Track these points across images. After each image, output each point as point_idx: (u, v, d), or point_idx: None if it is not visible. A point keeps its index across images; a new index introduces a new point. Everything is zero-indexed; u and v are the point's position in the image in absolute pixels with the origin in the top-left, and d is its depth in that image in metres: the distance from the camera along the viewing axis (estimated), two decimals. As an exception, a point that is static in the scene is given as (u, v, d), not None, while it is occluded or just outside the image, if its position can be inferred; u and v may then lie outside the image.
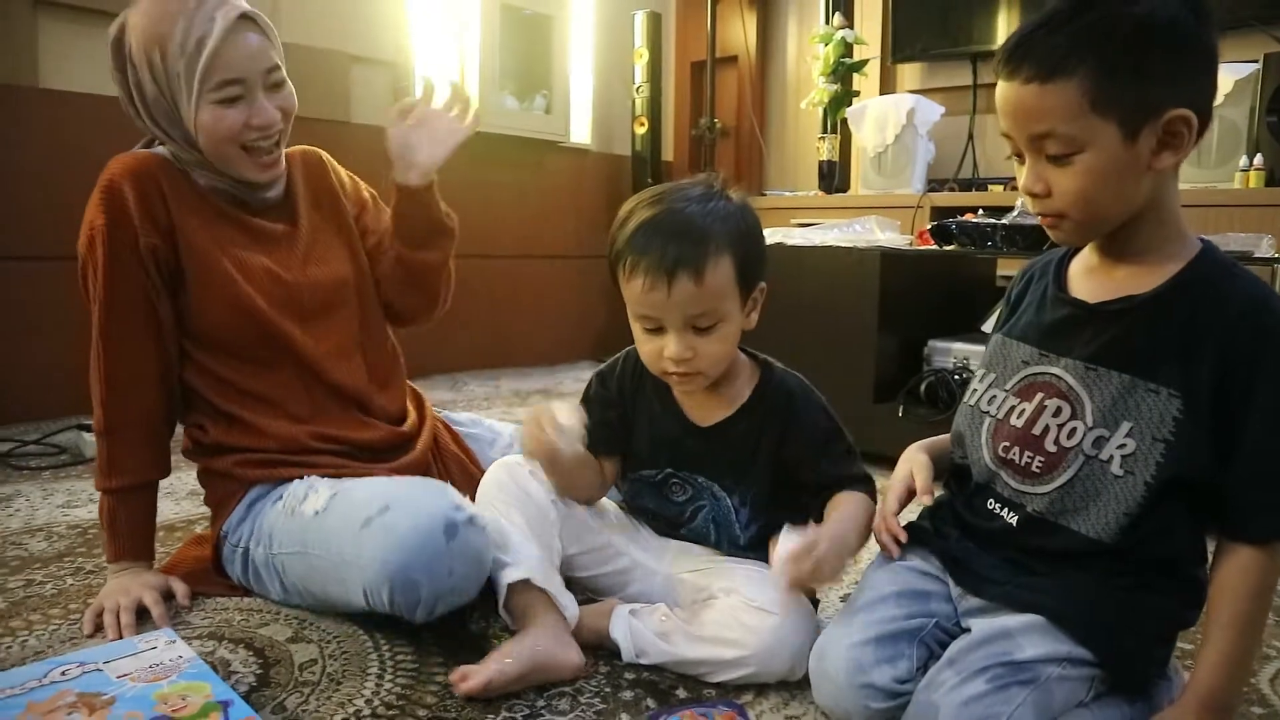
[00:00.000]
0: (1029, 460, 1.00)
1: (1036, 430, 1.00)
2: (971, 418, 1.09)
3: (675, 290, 1.05)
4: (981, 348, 2.10)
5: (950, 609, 1.05)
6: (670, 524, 1.25)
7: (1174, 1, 0.88)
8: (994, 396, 1.06)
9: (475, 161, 3.50)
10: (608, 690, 1.08)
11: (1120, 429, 0.94)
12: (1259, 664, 1.21)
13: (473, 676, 1.04)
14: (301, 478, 1.28)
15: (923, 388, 2.10)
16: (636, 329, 1.12)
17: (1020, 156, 0.96)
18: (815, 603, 1.23)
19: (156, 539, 1.41)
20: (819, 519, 1.13)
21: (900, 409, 2.10)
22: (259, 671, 1.12)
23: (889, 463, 2.13)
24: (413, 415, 1.47)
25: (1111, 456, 0.95)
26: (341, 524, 1.17)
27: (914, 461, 1.13)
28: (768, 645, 1.07)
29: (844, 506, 1.13)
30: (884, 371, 2.15)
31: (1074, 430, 0.97)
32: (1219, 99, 2.73)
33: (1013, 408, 1.03)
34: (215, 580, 1.35)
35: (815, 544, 1.04)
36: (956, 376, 2.06)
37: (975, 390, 1.10)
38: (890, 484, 1.14)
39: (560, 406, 1.14)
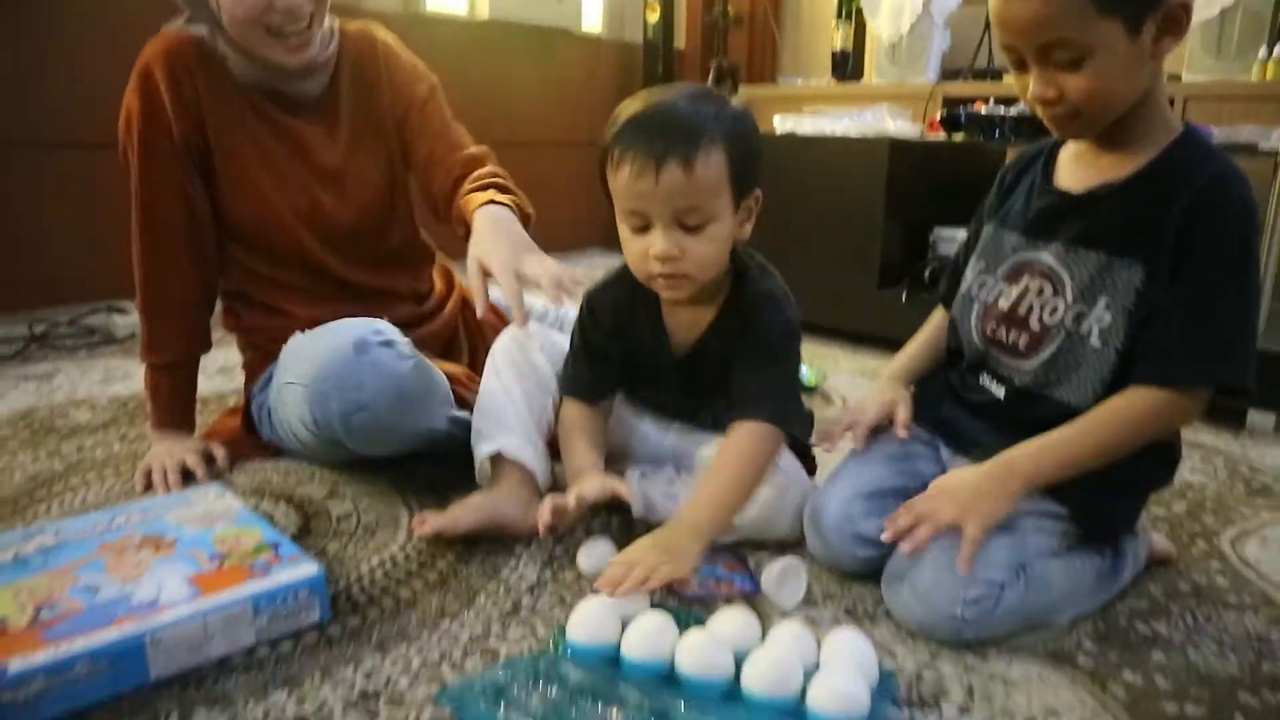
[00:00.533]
0: (1015, 339, 1.08)
1: (1022, 311, 1.07)
2: (962, 304, 1.16)
3: (663, 179, 1.00)
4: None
5: (937, 470, 1.14)
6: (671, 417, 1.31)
7: None
8: (985, 283, 1.13)
9: (486, 49, 3.48)
10: (621, 540, 1.18)
11: (1098, 304, 1.01)
12: (1222, 526, 1.30)
13: (428, 523, 1.14)
14: None
15: (927, 274, 2.15)
16: (623, 229, 1.09)
17: (1021, 66, 0.98)
18: (812, 469, 1.32)
19: (195, 409, 1.50)
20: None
21: (904, 294, 2.15)
22: (300, 523, 1.23)
23: (892, 345, 2.21)
24: (439, 289, 1.52)
25: (1090, 329, 1.02)
26: (291, 359, 1.24)
27: (899, 396, 1.19)
28: (766, 514, 1.15)
29: (719, 468, 1.09)
30: (890, 258, 2.20)
31: (1056, 308, 1.04)
32: (1242, -13, 2.69)
33: (1000, 292, 1.10)
34: (249, 444, 1.44)
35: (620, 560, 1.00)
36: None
37: (967, 279, 1.16)
38: (871, 400, 1.20)
39: (597, 546, 1.11)
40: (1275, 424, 1.73)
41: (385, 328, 1.20)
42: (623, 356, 1.23)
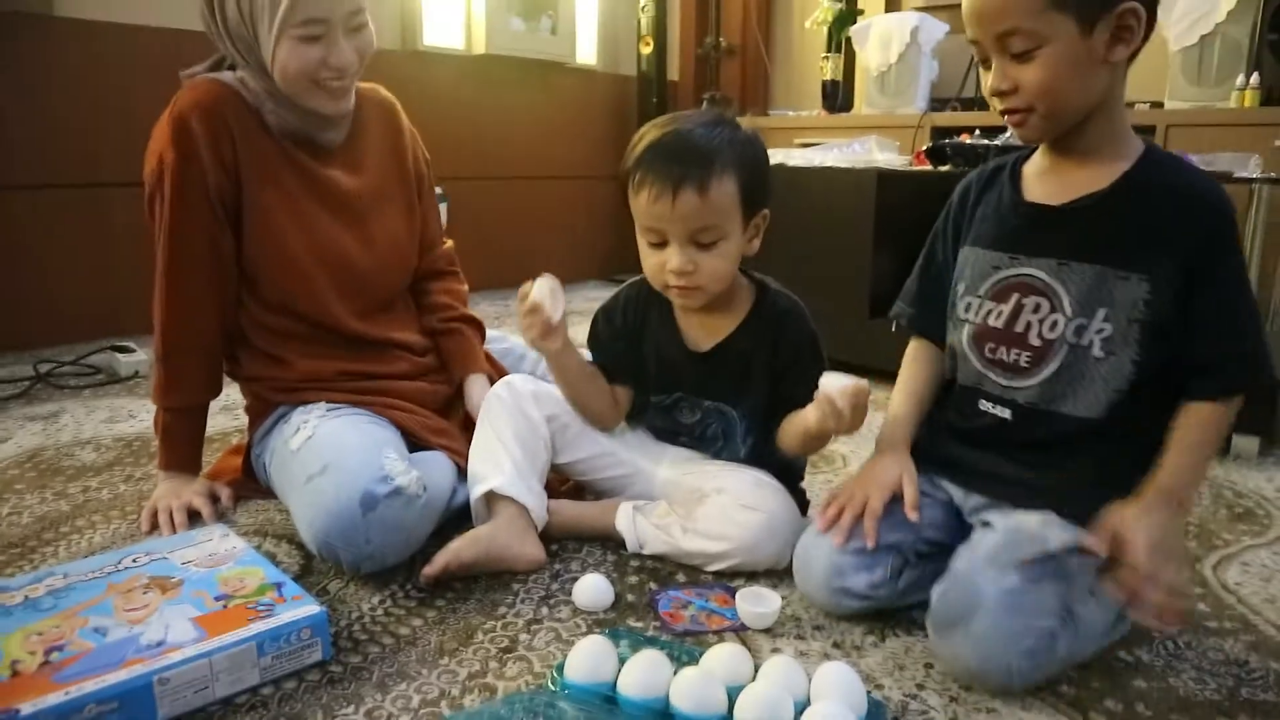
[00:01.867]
0: (1016, 357, 1.09)
1: (1019, 328, 1.08)
2: (953, 328, 1.17)
3: (680, 203, 1.11)
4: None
5: (935, 516, 1.13)
6: (675, 435, 1.35)
7: None
8: (970, 304, 1.14)
9: (482, 83, 3.54)
10: (614, 575, 1.21)
11: (1097, 315, 1.04)
12: (1205, 552, 1.33)
13: (433, 562, 1.16)
14: (318, 403, 1.33)
15: (916, 304, 2.19)
16: (642, 244, 1.19)
17: (986, 62, 1.03)
18: (804, 504, 1.35)
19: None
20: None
21: (894, 325, 2.18)
22: (302, 562, 1.26)
23: (882, 376, 2.24)
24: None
25: (1091, 341, 1.04)
26: (298, 473, 1.23)
27: (905, 469, 1.13)
28: (755, 539, 1.19)
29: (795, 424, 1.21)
30: (879, 287, 2.23)
31: (1055, 323, 1.06)
32: (1221, 16, 2.75)
33: (990, 311, 1.11)
34: (251, 486, 1.46)
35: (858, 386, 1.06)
36: (949, 293, 2.14)
37: (953, 304, 1.17)
38: (876, 481, 1.12)
39: (540, 284, 1.20)
40: (1259, 448, 1.76)
41: (391, 467, 1.17)
42: (633, 354, 1.30)
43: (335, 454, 1.21)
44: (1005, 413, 1.10)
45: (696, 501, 1.24)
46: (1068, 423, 1.06)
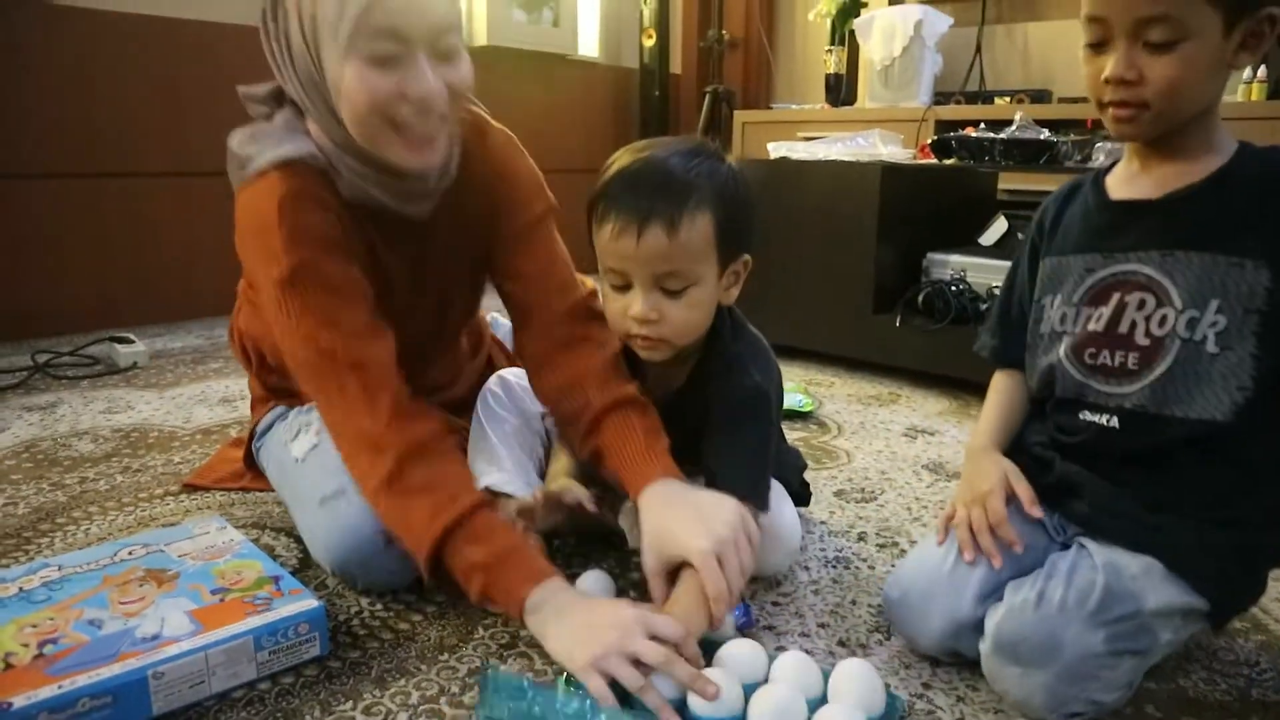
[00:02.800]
0: (1122, 360, 0.99)
1: (1123, 328, 0.99)
2: (1050, 343, 1.06)
3: (645, 241, 0.98)
4: (980, 260, 2.17)
5: (1047, 540, 1.03)
6: None
7: None
8: (1064, 315, 1.04)
9: (483, 75, 3.50)
10: (617, 571, 1.19)
11: (1210, 307, 0.94)
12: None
13: None
14: None
15: (920, 299, 2.17)
16: (604, 285, 1.07)
17: (1099, 46, 0.93)
18: (807, 496, 1.33)
19: (193, 442, 1.46)
20: None
21: (898, 319, 2.17)
22: (300, 555, 1.24)
23: (886, 370, 2.24)
24: (465, 348, 1.43)
25: (1205, 336, 0.94)
26: (307, 491, 1.17)
27: (1009, 469, 1.05)
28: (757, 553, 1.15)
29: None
30: (884, 282, 2.22)
31: (1165, 318, 0.96)
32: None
33: (1088, 317, 1.02)
34: (251, 477, 1.43)
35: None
36: (954, 288, 2.13)
37: (1047, 319, 1.07)
38: (988, 489, 1.02)
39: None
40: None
41: None
42: None
43: (352, 495, 1.10)
44: (1112, 421, 1.00)
45: None
46: (1183, 427, 0.95)
